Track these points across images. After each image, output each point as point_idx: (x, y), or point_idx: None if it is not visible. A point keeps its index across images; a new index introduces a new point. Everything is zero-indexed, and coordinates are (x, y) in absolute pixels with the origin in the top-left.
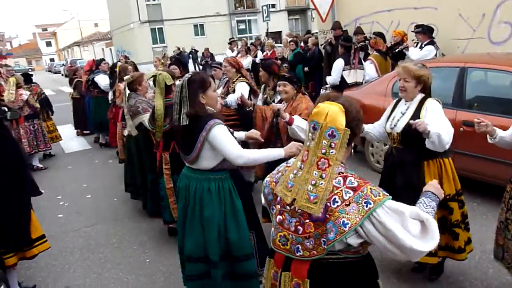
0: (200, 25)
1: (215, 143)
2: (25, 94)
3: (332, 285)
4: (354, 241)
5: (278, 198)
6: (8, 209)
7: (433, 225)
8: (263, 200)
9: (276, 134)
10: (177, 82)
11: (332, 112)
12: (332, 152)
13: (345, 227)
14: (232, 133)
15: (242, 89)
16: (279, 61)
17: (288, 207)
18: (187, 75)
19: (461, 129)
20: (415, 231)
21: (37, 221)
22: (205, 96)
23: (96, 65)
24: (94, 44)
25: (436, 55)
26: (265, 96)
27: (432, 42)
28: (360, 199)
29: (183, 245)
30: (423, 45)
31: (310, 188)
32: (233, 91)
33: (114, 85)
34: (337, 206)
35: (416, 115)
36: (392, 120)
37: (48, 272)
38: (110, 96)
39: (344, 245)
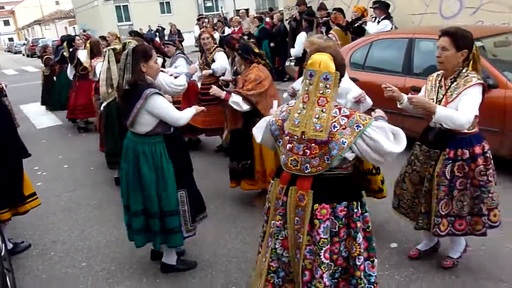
0: (166, 2)
1: (155, 111)
2: None
3: (330, 194)
4: (349, 155)
5: (286, 131)
6: (3, 168)
7: (402, 133)
8: (258, 139)
9: None
10: None
11: (324, 60)
12: (328, 92)
13: (344, 145)
14: None
15: (221, 57)
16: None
17: (295, 137)
18: (132, 45)
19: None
20: (391, 138)
21: (28, 179)
22: (146, 65)
23: (62, 41)
24: (56, 23)
25: (391, 29)
26: (235, 67)
27: (388, 17)
28: (352, 124)
29: (129, 202)
30: (380, 20)
31: (315, 121)
32: (212, 60)
33: (73, 59)
34: (337, 130)
35: None
36: None
37: (34, 230)
38: (69, 71)
39: (340, 161)
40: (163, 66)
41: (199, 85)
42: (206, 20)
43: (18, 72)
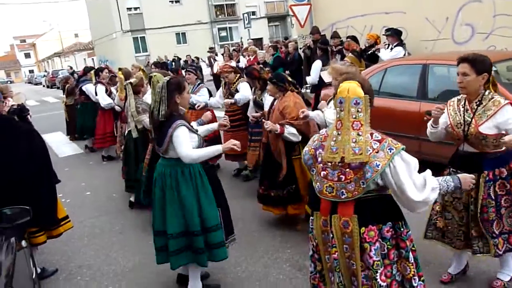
0: (182, 33)
1: (173, 140)
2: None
3: (373, 216)
4: (380, 181)
5: (319, 159)
6: (40, 193)
7: (433, 182)
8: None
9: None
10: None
11: (352, 87)
12: (360, 115)
13: (378, 167)
14: (196, 131)
15: (244, 87)
16: (259, 66)
17: (329, 164)
18: (166, 78)
19: (424, 118)
20: (417, 181)
21: (61, 203)
22: (180, 97)
23: (84, 72)
24: (75, 55)
25: (404, 55)
26: (254, 96)
27: (400, 44)
28: (385, 148)
29: (166, 226)
30: (392, 47)
31: (353, 145)
32: (236, 91)
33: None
34: (370, 153)
35: None
36: None
37: (61, 256)
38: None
39: (375, 185)
40: None
41: (223, 113)
42: (222, 50)
43: (39, 103)
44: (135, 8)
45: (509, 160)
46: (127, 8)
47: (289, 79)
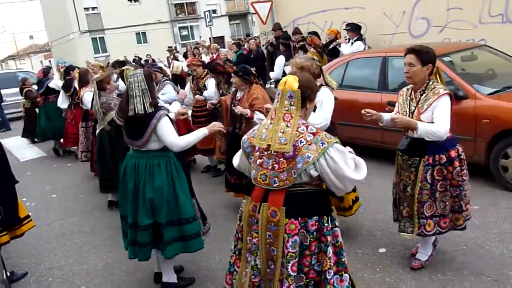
0: (142, 33)
1: (159, 131)
2: None
3: (301, 209)
4: (313, 172)
5: (256, 147)
6: (2, 194)
7: (363, 163)
8: (235, 164)
9: (234, 118)
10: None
11: (289, 81)
12: (292, 108)
13: (309, 159)
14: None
15: (213, 84)
16: (221, 60)
17: (265, 152)
18: (139, 71)
19: (386, 108)
20: (351, 166)
21: (22, 203)
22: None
23: (44, 74)
24: (31, 57)
25: (364, 49)
26: (221, 91)
27: (360, 38)
28: (318, 141)
29: (137, 218)
30: (353, 41)
31: (280, 135)
32: (204, 86)
33: (69, 88)
34: (303, 145)
35: None
36: None
37: (30, 259)
38: (61, 99)
39: (308, 177)
40: None
41: (191, 109)
42: (185, 49)
43: None
44: (93, 8)
45: (449, 148)
46: (84, 8)
47: (253, 72)
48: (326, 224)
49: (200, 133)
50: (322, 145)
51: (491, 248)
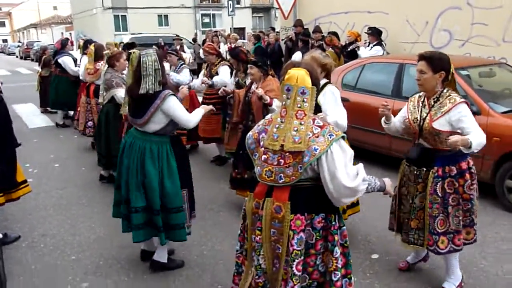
0: (164, 15)
1: (169, 111)
2: None
3: (307, 204)
4: (316, 168)
5: (261, 143)
6: (1, 156)
7: (362, 173)
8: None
9: (248, 110)
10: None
11: (301, 75)
12: (305, 105)
13: (316, 151)
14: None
15: (224, 71)
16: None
17: (270, 148)
18: (151, 50)
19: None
20: (350, 170)
21: (20, 167)
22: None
23: (62, 45)
24: (52, 27)
25: (383, 54)
26: (237, 79)
27: (380, 43)
28: (325, 134)
29: (128, 197)
30: (372, 46)
31: (293, 134)
32: (216, 73)
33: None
34: (309, 137)
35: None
36: None
37: (24, 224)
38: (81, 72)
39: (313, 172)
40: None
41: (201, 97)
42: (204, 36)
43: (11, 73)
44: None
45: (459, 159)
46: None
47: (269, 64)
48: (333, 223)
49: (201, 111)
50: (331, 137)
51: (485, 267)
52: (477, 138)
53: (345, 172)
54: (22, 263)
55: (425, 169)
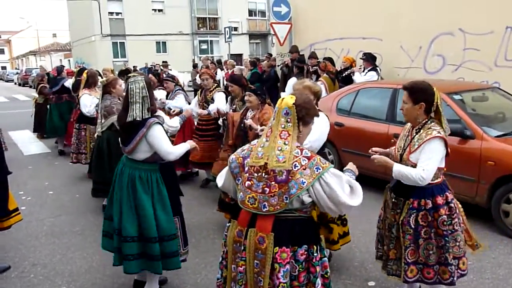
0: (162, 42)
1: (152, 140)
2: None
3: (290, 236)
4: (306, 198)
5: (246, 169)
6: None
7: (359, 188)
8: (219, 184)
9: (244, 137)
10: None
11: (286, 99)
12: (289, 125)
13: (303, 184)
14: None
15: (220, 98)
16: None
17: (255, 174)
18: (139, 77)
19: (392, 140)
20: (347, 191)
21: (12, 195)
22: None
23: (58, 72)
24: (51, 54)
25: (377, 79)
26: (234, 106)
27: (374, 69)
28: (313, 166)
29: (120, 227)
30: (367, 71)
31: (277, 153)
32: (212, 99)
33: (77, 89)
34: (297, 169)
35: None
36: None
37: (15, 253)
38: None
39: (300, 203)
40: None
41: (196, 122)
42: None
43: (8, 100)
44: (117, 13)
45: (435, 193)
46: (109, 12)
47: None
48: (315, 254)
49: (186, 146)
50: (317, 170)
51: None
52: (406, 170)
53: (346, 195)
54: None
55: (402, 199)
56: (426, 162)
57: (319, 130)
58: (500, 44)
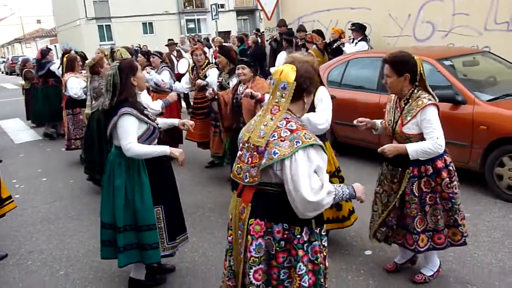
0: (149, 23)
1: (117, 130)
2: None
3: (265, 209)
4: (280, 173)
5: (243, 139)
6: None
7: (330, 195)
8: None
9: (238, 111)
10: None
11: (285, 70)
12: (282, 101)
13: (274, 156)
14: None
15: (214, 73)
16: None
17: (246, 144)
18: (115, 63)
19: (384, 110)
20: (314, 185)
21: (4, 183)
22: (136, 78)
23: (42, 55)
24: (37, 41)
25: (368, 49)
26: (221, 79)
27: (364, 39)
28: (294, 139)
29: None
30: (357, 41)
31: (262, 128)
32: (204, 76)
33: (63, 74)
34: (274, 139)
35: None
36: None
37: (12, 241)
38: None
39: (277, 178)
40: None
41: (191, 100)
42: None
43: None
44: None
45: (434, 158)
46: None
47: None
48: (298, 236)
49: (161, 149)
50: (296, 144)
51: (479, 257)
52: (421, 145)
53: (308, 185)
54: (9, 282)
55: (401, 169)
56: (435, 131)
57: (330, 107)
58: (489, 8)
